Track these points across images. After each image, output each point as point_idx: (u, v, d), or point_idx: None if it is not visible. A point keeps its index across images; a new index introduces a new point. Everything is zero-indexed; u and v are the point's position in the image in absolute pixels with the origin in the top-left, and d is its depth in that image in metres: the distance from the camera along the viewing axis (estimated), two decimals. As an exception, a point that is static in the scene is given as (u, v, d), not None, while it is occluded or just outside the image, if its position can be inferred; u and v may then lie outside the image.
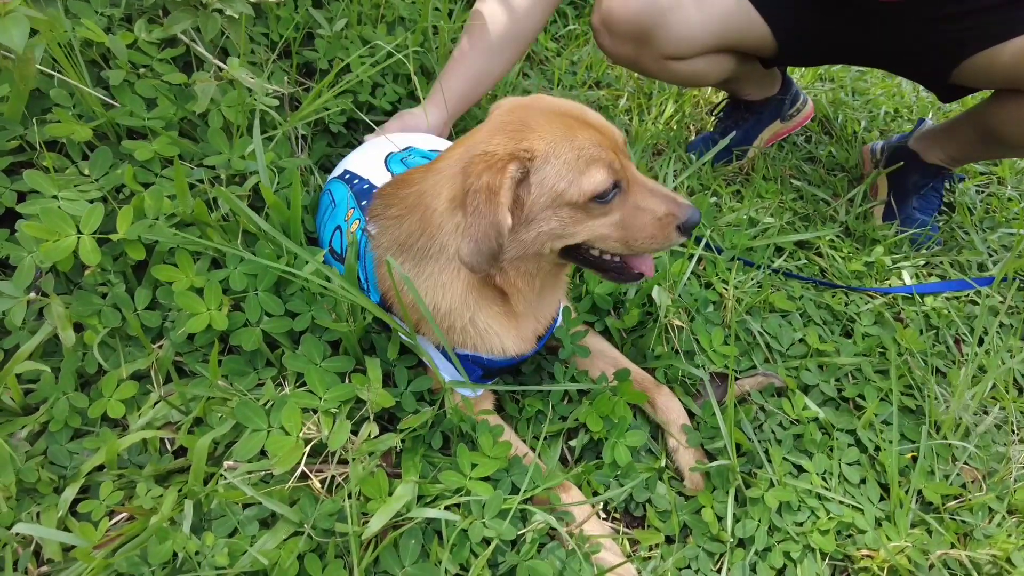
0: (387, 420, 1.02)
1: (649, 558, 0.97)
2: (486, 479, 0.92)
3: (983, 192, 2.05)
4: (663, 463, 1.06)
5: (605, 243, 0.90)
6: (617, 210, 0.89)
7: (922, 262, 1.62)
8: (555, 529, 0.90)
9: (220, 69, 1.19)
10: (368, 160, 1.15)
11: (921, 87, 2.49)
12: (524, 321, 1.00)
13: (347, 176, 1.13)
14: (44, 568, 0.83)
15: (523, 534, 0.89)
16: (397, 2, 1.62)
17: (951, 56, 1.39)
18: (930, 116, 2.34)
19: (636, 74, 2.05)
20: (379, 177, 1.09)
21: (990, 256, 1.69)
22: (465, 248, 0.83)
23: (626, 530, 1.01)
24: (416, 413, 0.98)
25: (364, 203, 1.03)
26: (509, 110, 0.92)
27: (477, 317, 0.95)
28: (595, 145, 0.86)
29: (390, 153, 1.17)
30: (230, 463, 0.85)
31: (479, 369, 1.00)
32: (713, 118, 1.99)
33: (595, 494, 1.01)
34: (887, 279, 1.54)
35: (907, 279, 1.53)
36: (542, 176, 0.85)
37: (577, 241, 0.89)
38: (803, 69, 2.47)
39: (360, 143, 1.32)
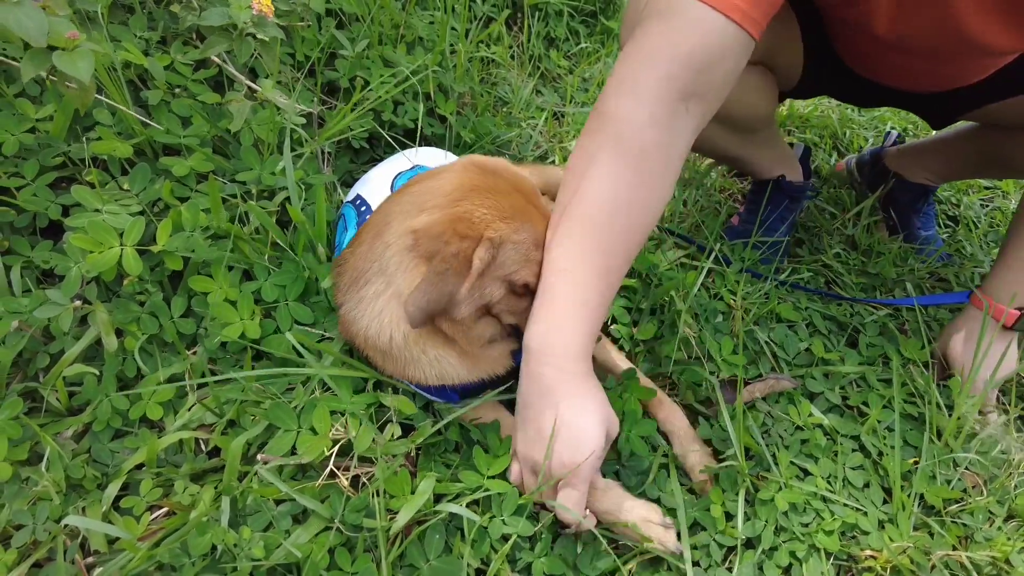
0: (409, 427, 1.07)
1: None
2: (502, 477, 0.97)
3: (987, 206, 2.08)
4: (671, 453, 1.10)
5: (518, 317, 0.97)
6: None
7: (926, 274, 1.66)
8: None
9: (251, 89, 1.25)
10: (377, 183, 1.18)
11: None
12: (478, 360, 1.00)
13: (357, 201, 1.17)
14: (90, 559, 0.88)
15: (539, 530, 0.93)
16: (416, 23, 1.68)
17: (966, 105, 1.35)
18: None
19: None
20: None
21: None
22: (415, 303, 0.85)
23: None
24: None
25: None
26: (480, 172, 0.95)
27: (427, 348, 0.96)
28: (542, 236, 0.93)
29: (399, 173, 1.19)
30: (264, 456, 0.90)
31: (455, 394, 1.03)
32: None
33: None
34: (892, 291, 1.58)
35: (911, 291, 1.57)
36: (503, 258, 0.89)
37: (499, 311, 0.95)
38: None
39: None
